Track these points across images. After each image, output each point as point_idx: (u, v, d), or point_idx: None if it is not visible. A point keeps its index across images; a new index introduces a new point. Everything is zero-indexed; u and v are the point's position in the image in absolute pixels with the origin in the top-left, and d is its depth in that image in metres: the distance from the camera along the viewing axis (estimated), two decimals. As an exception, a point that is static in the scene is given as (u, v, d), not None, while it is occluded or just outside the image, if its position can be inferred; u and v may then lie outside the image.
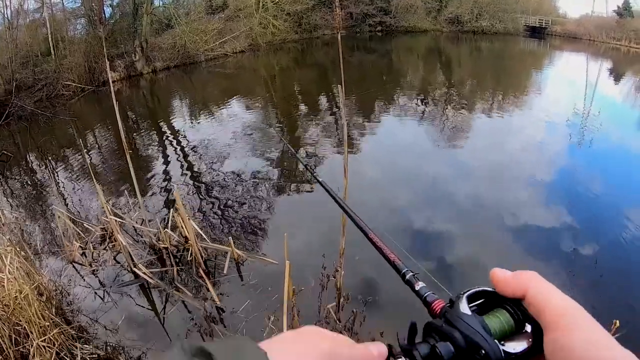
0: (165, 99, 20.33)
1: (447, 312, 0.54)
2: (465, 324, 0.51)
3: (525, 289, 0.51)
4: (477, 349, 0.49)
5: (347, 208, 1.08)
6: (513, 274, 0.54)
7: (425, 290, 0.65)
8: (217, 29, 28.55)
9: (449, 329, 0.51)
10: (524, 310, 0.52)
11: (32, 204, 9.11)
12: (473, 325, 0.50)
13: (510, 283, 0.53)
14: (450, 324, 0.52)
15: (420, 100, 17.59)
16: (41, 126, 15.50)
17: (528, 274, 0.53)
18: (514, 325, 0.52)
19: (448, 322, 0.52)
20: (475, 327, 0.50)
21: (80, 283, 6.00)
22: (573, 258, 6.39)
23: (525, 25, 39.79)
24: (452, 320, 0.52)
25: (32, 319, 3.99)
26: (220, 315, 5.29)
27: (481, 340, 0.49)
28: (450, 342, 0.51)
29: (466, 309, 0.53)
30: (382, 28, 39.62)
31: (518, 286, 0.52)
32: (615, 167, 10.22)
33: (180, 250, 6.52)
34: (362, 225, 0.95)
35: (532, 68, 26.19)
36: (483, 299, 0.55)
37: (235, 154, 11.03)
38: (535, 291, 0.51)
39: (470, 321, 0.51)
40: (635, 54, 30.90)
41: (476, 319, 0.51)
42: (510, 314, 0.52)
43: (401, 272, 0.75)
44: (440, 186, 9.03)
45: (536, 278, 0.52)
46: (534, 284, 0.51)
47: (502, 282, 0.54)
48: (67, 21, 22.92)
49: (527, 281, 0.52)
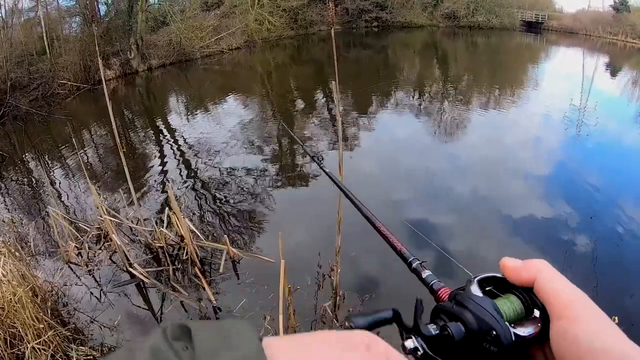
0: (161, 97, 20.26)
1: (458, 294, 0.54)
2: (477, 304, 0.51)
3: (534, 277, 0.52)
4: (489, 330, 0.49)
5: (354, 198, 1.08)
6: (523, 263, 0.54)
7: (432, 279, 0.66)
8: (212, 26, 28.44)
9: (460, 310, 0.51)
10: (533, 297, 0.52)
11: (27, 204, 9.08)
12: (485, 307, 0.50)
13: (520, 271, 0.53)
14: (461, 305, 0.52)
15: (416, 96, 17.62)
16: (37, 125, 15.43)
17: (537, 263, 0.53)
18: (524, 310, 0.52)
19: (459, 303, 0.52)
20: (487, 308, 0.50)
21: (76, 283, 5.97)
22: (571, 252, 6.41)
23: (521, 20, 39.88)
24: (463, 301, 0.52)
25: (27, 321, 3.97)
26: (216, 314, 5.28)
27: (493, 321, 0.49)
28: (461, 322, 0.50)
29: (478, 291, 0.53)
30: (378, 23, 39.58)
31: (527, 274, 0.52)
32: (612, 162, 10.26)
33: (176, 249, 6.49)
34: (368, 215, 0.96)
35: (529, 63, 26.27)
36: (493, 285, 0.55)
37: (231, 152, 11.00)
38: (544, 280, 0.51)
39: (482, 302, 0.51)
40: (632, 48, 30.95)
41: (488, 301, 0.51)
42: (519, 299, 0.53)
43: (407, 260, 0.75)
44: (437, 180, 9.05)
45: (546, 266, 0.53)
46: (543, 272, 0.52)
47: (512, 270, 0.54)
48: (62, 20, 22.79)
49: (536, 269, 0.52)
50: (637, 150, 11.29)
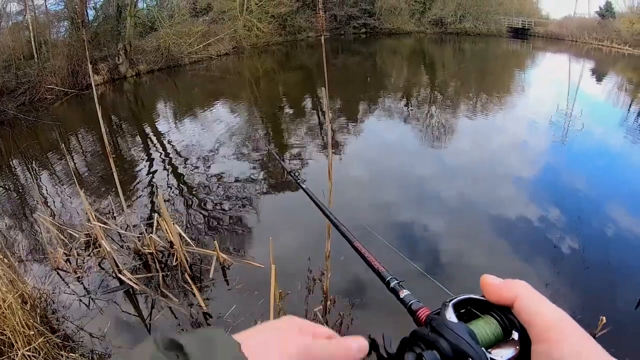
0: (150, 103, 20.17)
1: (433, 320, 0.53)
2: (452, 331, 0.50)
3: (515, 297, 0.51)
4: (464, 357, 0.48)
5: (332, 216, 1.10)
6: (503, 282, 0.54)
7: (410, 298, 0.65)
8: (201, 32, 28.40)
9: (435, 337, 0.51)
10: (511, 318, 0.52)
11: (15, 210, 9.00)
12: (460, 333, 0.50)
13: (500, 290, 0.53)
14: (436, 331, 0.51)
15: (404, 102, 17.71)
16: (24, 130, 15.29)
17: (519, 283, 0.53)
18: (502, 332, 0.52)
19: (434, 330, 0.51)
20: (461, 334, 0.49)
21: (65, 290, 5.92)
22: (559, 255, 6.47)
23: (508, 26, 40.22)
24: (438, 328, 0.51)
25: (17, 327, 3.95)
26: (207, 320, 5.27)
27: (468, 347, 0.48)
28: (436, 350, 0.50)
29: (452, 316, 0.52)
30: (366, 30, 39.83)
31: (508, 294, 0.52)
32: (598, 166, 10.39)
33: (166, 255, 6.48)
34: (346, 234, 0.97)
35: (516, 68, 26.49)
36: (469, 306, 0.55)
37: (220, 158, 10.99)
38: (526, 301, 0.51)
39: (456, 329, 0.50)
40: (617, 53, 31.34)
41: (463, 327, 0.51)
42: (497, 321, 0.52)
43: (385, 280, 0.75)
44: (425, 186, 9.09)
45: (527, 287, 0.52)
46: (524, 293, 0.52)
47: (491, 288, 0.54)
48: (50, 24, 22.63)
49: (518, 290, 0.52)
50: (623, 154, 11.46)
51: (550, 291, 5.57)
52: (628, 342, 4.73)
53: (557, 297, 5.47)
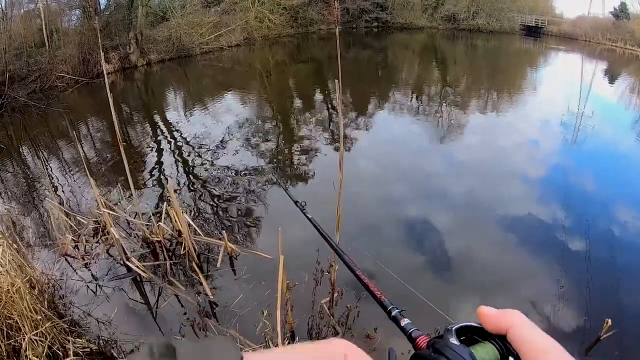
0: (160, 92, 20.22)
1: (436, 342, 0.55)
2: (454, 352, 0.51)
3: (509, 326, 0.53)
4: None
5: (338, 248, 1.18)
6: (499, 312, 0.55)
7: (410, 327, 0.68)
8: (212, 22, 28.33)
9: (438, 357, 0.52)
10: (508, 345, 0.53)
11: (24, 196, 9.05)
12: (462, 354, 0.51)
13: (495, 319, 0.55)
14: (439, 352, 0.52)
15: (415, 97, 17.65)
16: (34, 118, 15.39)
17: (512, 312, 0.55)
18: (499, 358, 0.53)
19: (437, 351, 0.53)
20: (464, 355, 0.51)
21: (72, 276, 5.96)
22: (566, 256, 6.43)
23: (521, 24, 39.82)
24: (441, 349, 0.52)
25: (24, 312, 3.96)
26: (213, 309, 5.28)
27: None
28: None
29: (455, 340, 0.54)
30: (378, 24, 39.56)
31: (502, 323, 0.54)
32: (608, 168, 10.31)
33: (174, 243, 6.50)
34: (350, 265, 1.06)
35: (528, 67, 26.28)
36: (470, 333, 0.57)
37: (230, 148, 11.01)
38: (518, 329, 0.53)
39: (459, 350, 0.52)
40: (631, 55, 31.00)
41: (465, 349, 0.52)
42: (495, 347, 0.54)
43: (387, 308, 0.78)
44: (434, 182, 9.09)
45: (519, 316, 0.54)
46: (517, 321, 0.53)
47: (487, 318, 0.55)
48: (61, 12, 22.69)
49: (512, 319, 0.54)
50: (633, 156, 11.37)
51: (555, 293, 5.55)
52: (633, 346, 4.70)
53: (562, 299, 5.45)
